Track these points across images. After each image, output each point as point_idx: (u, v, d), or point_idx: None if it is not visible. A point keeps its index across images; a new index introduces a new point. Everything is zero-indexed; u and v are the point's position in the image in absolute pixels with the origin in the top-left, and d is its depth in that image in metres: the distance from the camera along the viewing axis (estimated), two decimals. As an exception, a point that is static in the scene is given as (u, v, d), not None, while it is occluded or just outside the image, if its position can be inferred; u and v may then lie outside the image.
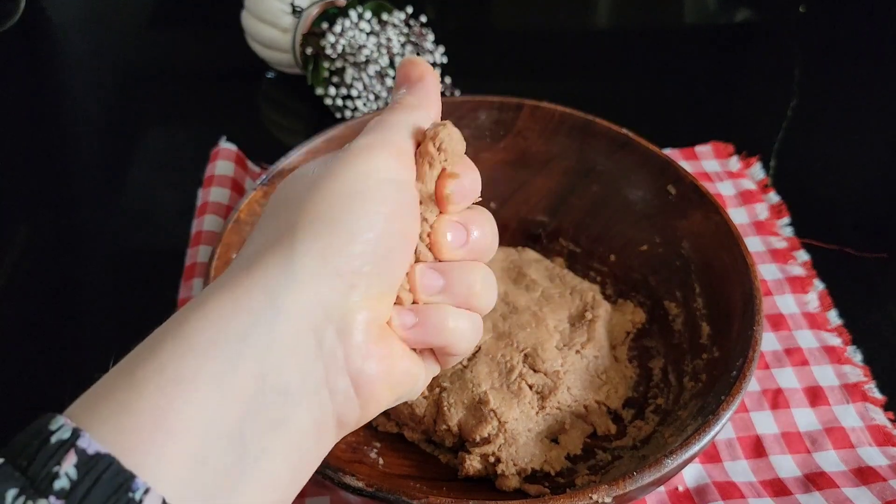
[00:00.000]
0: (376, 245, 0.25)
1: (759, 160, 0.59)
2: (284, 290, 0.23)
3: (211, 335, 0.22)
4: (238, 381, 0.22)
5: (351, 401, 0.25)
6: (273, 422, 0.23)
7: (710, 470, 0.42)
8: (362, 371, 0.25)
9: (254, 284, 0.24)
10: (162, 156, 0.61)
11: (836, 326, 0.48)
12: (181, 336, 0.22)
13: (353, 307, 0.24)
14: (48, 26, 0.75)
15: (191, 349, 0.22)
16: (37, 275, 0.52)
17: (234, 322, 0.23)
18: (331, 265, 0.24)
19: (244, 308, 0.23)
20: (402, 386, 0.27)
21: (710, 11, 0.79)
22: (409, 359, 0.27)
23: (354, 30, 0.61)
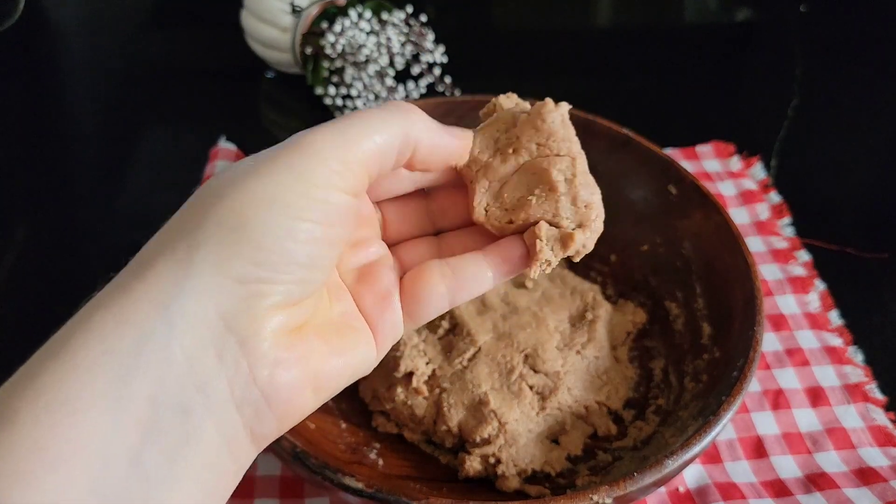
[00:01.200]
0: (293, 254, 0.23)
1: (760, 160, 0.59)
2: (178, 300, 0.21)
3: (96, 353, 0.20)
4: (131, 402, 0.20)
5: (263, 413, 0.23)
6: (175, 444, 0.21)
7: (710, 470, 0.41)
8: (271, 382, 0.23)
9: (144, 294, 0.21)
10: (161, 155, 0.61)
11: (838, 327, 0.48)
12: (63, 355, 0.20)
13: (259, 316, 0.22)
14: (47, 26, 0.75)
15: (74, 369, 0.20)
16: (36, 275, 0.52)
17: (122, 337, 0.21)
18: (233, 273, 0.22)
19: (133, 321, 0.21)
20: (334, 381, 0.25)
21: (710, 11, 0.79)
22: (339, 357, 0.25)
23: (354, 29, 0.60)
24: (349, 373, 0.26)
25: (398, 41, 0.61)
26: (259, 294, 0.22)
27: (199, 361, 0.21)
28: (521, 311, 0.43)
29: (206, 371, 0.22)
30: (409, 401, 0.40)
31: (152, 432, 0.20)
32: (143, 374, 0.20)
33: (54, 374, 0.20)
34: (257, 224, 0.22)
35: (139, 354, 0.21)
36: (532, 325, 0.42)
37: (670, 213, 0.46)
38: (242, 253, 0.22)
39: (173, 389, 0.21)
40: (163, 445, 0.21)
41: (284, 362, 0.23)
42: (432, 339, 0.42)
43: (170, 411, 0.21)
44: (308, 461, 0.33)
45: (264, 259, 0.22)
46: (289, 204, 0.23)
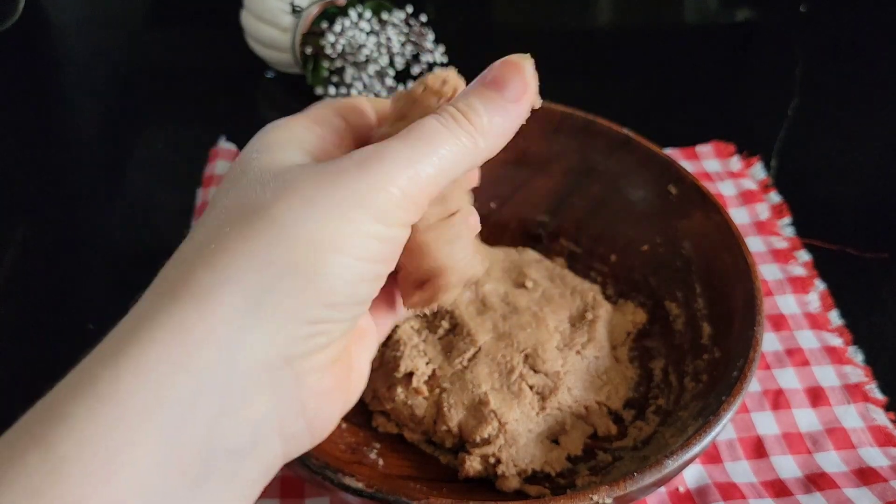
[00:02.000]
0: (359, 294, 0.23)
1: (761, 160, 0.59)
2: (244, 347, 0.20)
3: (149, 401, 0.19)
4: (182, 452, 0.19)
5: (302, 440, 0.23)
6: (222, 482, 0.20)
7: (710, 471, 0.41)
8: (318, 413, 0.23)
9: (207, 337, 0.20)
10: (161, 155, 0.61)
11: (838, 327, 0.48)
12: (114, 398, 0.19)
13: (316, 352, 0.22)
14: (47, 26, 0.75)
15: (123, 417, 0.18)
16: (35, 275, 0.52)
17: (179, 386, 0.19)
18: (306, 317, 0.21)
19: (193, 369, 0.19)
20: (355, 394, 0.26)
21: (711, 11, 0.79)
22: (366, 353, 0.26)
23: (354, 29, 0.60)
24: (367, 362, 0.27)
25: (398, 41, 0.61)
26: (323, 333, 0.22)
27: (256, 403, 0.21)
28: (521, 311, 0.43)
29: (261, 411, 0.21)
30: (409, 401, 0.40)
31: (200, 479, 0.20)
32: (198, 423, 0.19)
33: (104, 420, 0.18)
34: (330, 270, 0.21)
35: (196, 405, 0.19)
36: (532, 325, 0.42)
37: (670, 213, 0.46)
38: (316, 299, 0.21)
39: (227, 434, 0.20)
40: (210, 490, 0.20)
41: (330, 392, 0.23)
42: (432, 339, 0.42)
43: (221, 456, 0.20)
44: (308, 461, 0.33)
45: (335, 301, 0.22)
46: (358, 247, 0.22)
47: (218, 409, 0.20)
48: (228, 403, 0.20)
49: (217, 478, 0.20)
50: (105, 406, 0.19)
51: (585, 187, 0.49)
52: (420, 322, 0.43)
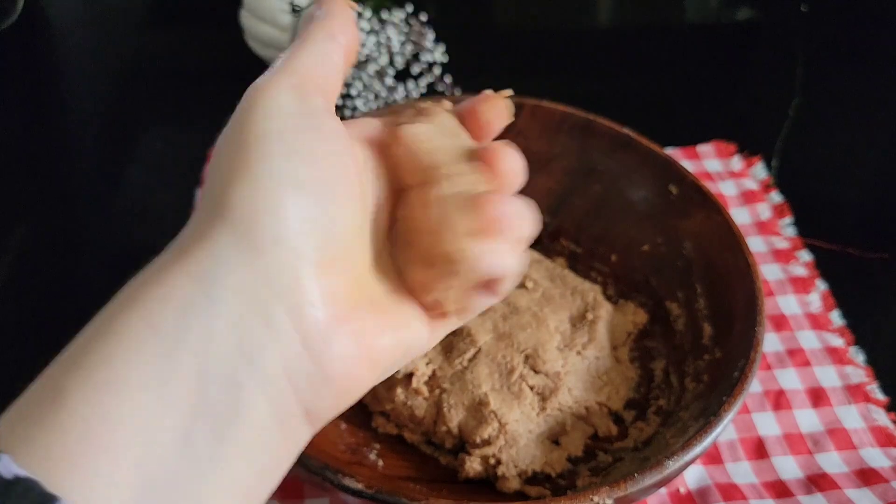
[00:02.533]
0: (307, 196, 0.22)
1: (762, 160, 0.58)
2: (214, 275, 0.21)
3: (140, 332, 0.20)
4: (177, 379, 0.20)
5: (319, 387, 0.22)
6: (225, 420, 0.20)
7: (711, 471, 0.41)
8: (326, 352, 0.22)
9: (182, 270, 0.21)
10: (160, 155, 0.61)
11: (839, 327, 0.48)
12: (107, 336, 0.20)
13: (304, 278, 0.21)
14: (46, 25, 0.75)
15: (119, 348, 0.20)
16: (34, 275, 0.52)
17: (164, 314, 0.20)
18: (266, 234, 0.21)
19: (174, 296, 0.20)
20: (388, 358, 0.24)
21: (711, 10, 0.79)
22: (391, 333, 0.24)
23: (354, 29, 0.60)
24: (402, 351, 0.25)
25: (398, 40, 0.61)
26: (297, 254, 0.22)
27: (247, 332, 0.21)
28: (522, 312, 0.43)
29: (255, 341, 0.21)
30: (409, 401, 0.40)
31: (201, 409, 0.20)
32: (189, 350, 0.20)
33: (100, 354, 0.20)
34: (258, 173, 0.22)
35: (182, 330, 0.20)
36: (532, 325, 0.42)
37: (671, 213, 0.46)
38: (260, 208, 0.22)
39: (221, 362, 0.20)
40: (212, 422, 0.20)
41: (338, 333, 0.22)
42: (432, 340, 0.42)
43: (218, 386, 0.20)
44: (308, 462, 0.33)
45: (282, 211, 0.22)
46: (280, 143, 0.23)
47: (205, 334, 0.20)
48: (214, 329, 0.20)
49: (220, 411, 0.20)
50: (101, 341, 0.20)
51: (586, 187, 0.49)
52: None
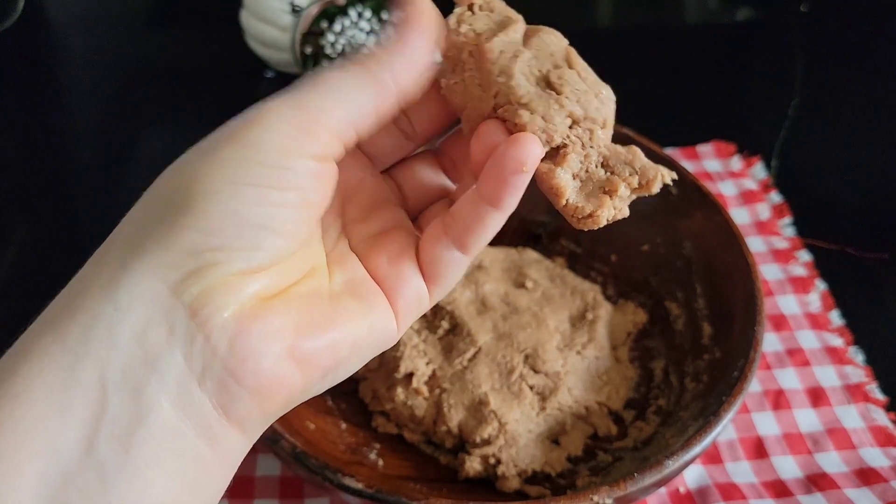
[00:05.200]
0: (244, 217, 0.21)
1: (761, 160, 0.58)
2: (124, 280, 0.21)
3: (46, 342, 0.20)
4: (80, 389, 0.20)
5: (232, 388, 0.21)
6: (127, 427, 0.20)
7: (711, 471, 0.41)
8: (233, 353, 0.21)
9: (93, 279, 0.21)
10: (160, 155, 0.61)
11: (838, 327, 0.48)
12: (18, 353, 0.20)
13: (214, 285, 0.21)
14: (47, 25, 0.75)
15: (25, 361, 0.20)
16: (35, 274, 0.52)
17: (72, 324, 0.20)
18: (182, 245, 0.21)
19: (82, 307, 0.20)
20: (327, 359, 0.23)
21: (711, 10, 0.79)
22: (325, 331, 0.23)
23: (354, 28, 0.60)
24: (350, 345, 0.24)
25: (398, 41, 0.61)
26: (213, 262, 0.21)
27: (149, 338, 0.20)
28: (522, 312, 0.43)
29: (157, 347, 0.20)
30: (409, 401, 0.40)
31: (103, 418, 0.20)
32: (92, 359, 0.20)
33: (8, 370, 0.20)
34: (201, 193, 0.21)
35: (87, 340, 0.20)
36: (532, 325, 0.42)
37: (671, 212, 0.46)
38: (187, 223, 0.21)
39: (121, 370, 0.20)
40: (115, 430, 0.20)
41: (247, 332, 0.21)
42: (432, 340, 0.42)
43: (119, 393, 0.20)
44: (308, 461, 0.33)
45: (213, 227, 0.21)
46: (236, 170, 0.21)
47: (108, 342, 0.20)
48: (117, 337, 0.20)
49: (122, 418, 0.20)
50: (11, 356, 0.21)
51: (586, 187, 0.49)
52: (420, 322, 0.43)
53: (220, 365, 0.21)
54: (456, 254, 0.25)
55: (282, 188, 0.22)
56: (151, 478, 0.20)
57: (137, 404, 0.20)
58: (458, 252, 0.25)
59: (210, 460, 0.21)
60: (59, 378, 0.20)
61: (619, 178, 0.26)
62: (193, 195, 0.21)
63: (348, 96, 0.23)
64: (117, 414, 0.20)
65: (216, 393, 0.21)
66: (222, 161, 0.22)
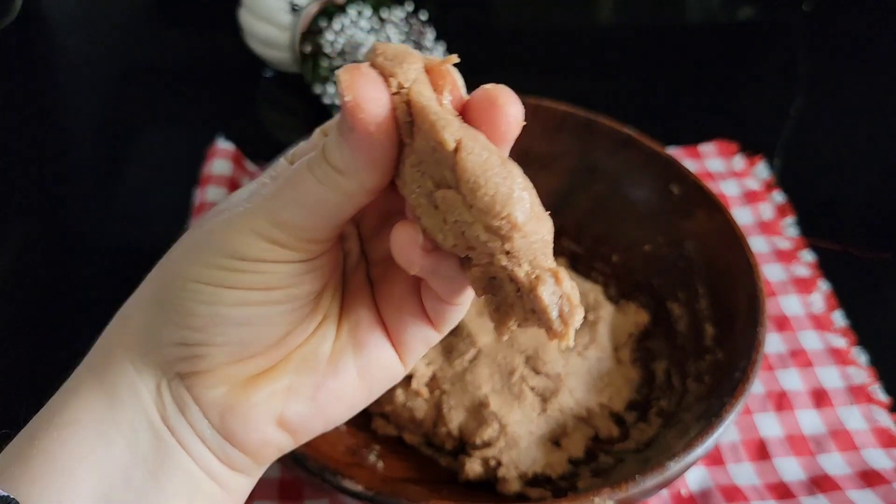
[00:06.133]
0: (225, 317, 0.23)
1: (764, 159, 0.58)
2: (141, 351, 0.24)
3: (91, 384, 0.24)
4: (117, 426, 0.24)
5: (228, 450, 0.25)
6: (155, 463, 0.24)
7: (713, 473, 0.41)
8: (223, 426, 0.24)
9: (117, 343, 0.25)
10: (159, 154, 0.61)
11: (841, 328, 0.48)
12: (68, 390, 0.25)
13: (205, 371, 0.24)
14: (45, 24, 0.75)
15: (74, 398, 0.24)
16: (32, 274, 0.52)
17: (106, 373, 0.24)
18: (170, 339, 0.24)
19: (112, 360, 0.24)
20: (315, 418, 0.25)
21: (713, 9, 0.79)
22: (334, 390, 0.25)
23: (353, 28, 0.60)
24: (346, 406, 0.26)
25: (398, 39, 0.61)
26: (200, 355, 0.23)
27: (163, 400, 0.24)
28: (522, 312, 0.43)
29: (169, 410, 0.24)
30: (408, 403, 0.40)
31: (136, 451, 0.24)
32: (123, 404, 0.24)
33: (62, 401, 0.24)
34: (187, 296, 0.23)
35: (118, 386, 0.24)
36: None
37: (673, 212, 0.46)
38: (175, 321, 0.23)
39: (146, 418, 0.24)
40: (147, 465, 0.24)
41: (235, 409, 0.24)
42: (432, 340, 0.42)
43: (146, 435, 0.24)
44: (307, 464, 0.33)
45: (198, 325, 0.23)
46: (216, 274, 0.23)
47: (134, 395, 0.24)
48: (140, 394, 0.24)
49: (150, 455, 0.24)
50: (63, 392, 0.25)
51: (587, 187, 0.49)
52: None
53: (215, 433, 0.25)
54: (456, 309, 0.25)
55: (265, 288, 0.23)
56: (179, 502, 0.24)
57: (160, 447, 0.24)
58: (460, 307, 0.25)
59: (220, 496, 0.25)
60: (102, 414, 0.24)
61: (512, 314, 0.22)
62: (179, 296, 0.23)
63: (320, 209, 0.22)
64: (146, 451, 0.24)
65: (217, 451, 0.25)
66: (203, 265, 0.23)
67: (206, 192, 0.54)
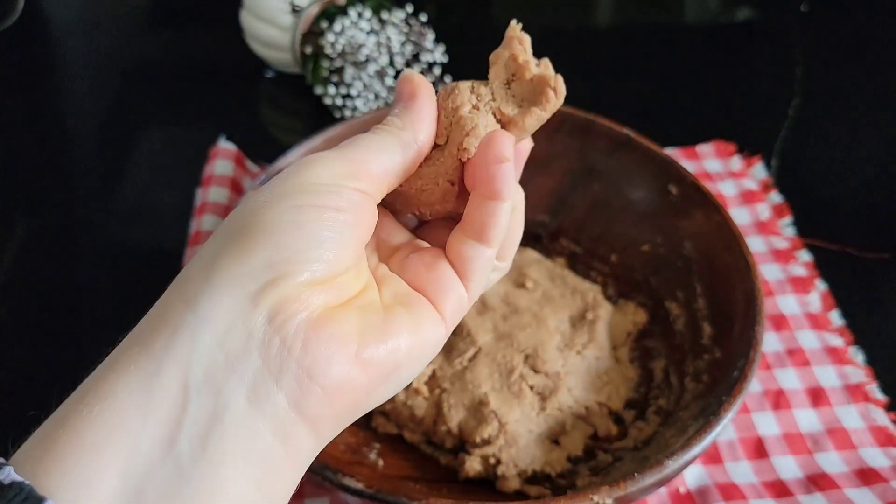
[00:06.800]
0: (307, 235, 0.24)
1: (761, 160, 0.58)
2: (205, 293, 0.23)
3: (133, 353, 0.22)
4: (161, 389, 0.21)
5: (307, 387, 0.23)
6: (206, 424, 0.21)
7: (711, 471, 0.41)
8: (307, 353, 0.23)
9: (177, 295, 0.23)
10: (160, 155, 0.61)
11: (838, 327, 0.48)
12: (108, 361, 0.22)
13: (287, 293, 0.23)
14: (46, 25, 0.75)
15: (112, 369, 0.22)
16: (34, 274, 0.52)
17: (156, 336, 0.22)
18: (256, 260, 0.23)
19: (167, 319, 0.23)
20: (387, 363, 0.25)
21: (711, 10, 0.79)
22: (384, 337, 0.25)
23: (354, 29, 0.60)
24: (406, 349, 0.26)
25: (398, 40, 0.61)
26: (286, 274, 0.23)
27: (230, 342, 0.22)
28: (522, 312, 0.43)
29: (237, 348, 0.22)
30: (409, 401, 0.40)
31: (184, 417, 0.21)
32: (175, 364, 0.22)
33: (98, 376, 0.22)
34: (270, 218, 0.24)
35: (171, 346, 0.22)
36: (532, 325, 0.42)
37: (671, 212, 0.46)
38: (260, 241, 0.24)
39: (203, 372, 0.22)
40: (195, 429, 0.21)
41: (318, 336, 0.23)
42: (432, 340, 0.42)
43: (200, 394, 0.22)
44: (308, 462, 0.33)
45: (281, 242, 0.24)
46: (297, 196, 0.25)
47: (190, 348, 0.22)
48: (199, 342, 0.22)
49: (201, 416, 0.22)
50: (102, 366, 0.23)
51: (586, 187, 0.49)
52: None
53: (295, 364, 0.23)
54: (480, 248, 0.28)
55: (337, 209, 0.25)
56: (225, 475, 0.22)
57: (216, 403, 0.22)
58: (482, 246, 0.28)
59: (281, 459, 0.23)
60: (143, 382, 0.22)
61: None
62: (262, 220, 0.24)
63: (383, 152, 0.27)
64: (198, 413, 0.22)
65: (292, 390, 0.23)
66: (283, 192, 0.25)
67: (207, 192, 0.54)
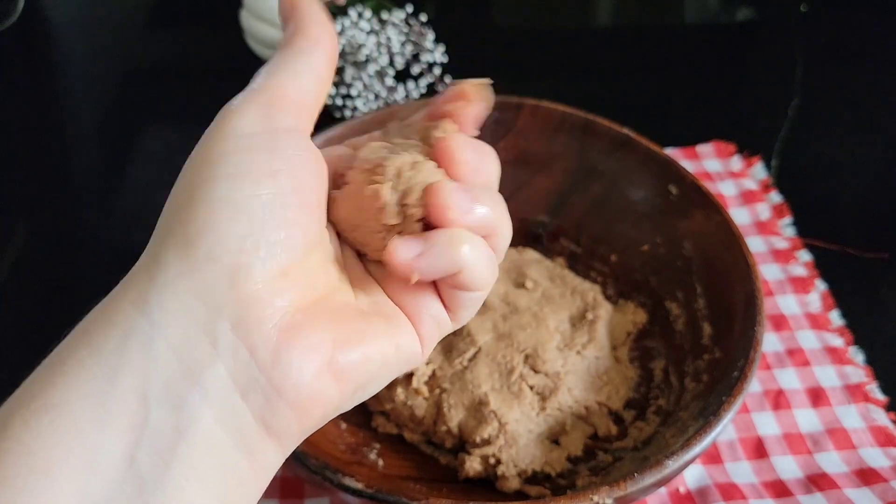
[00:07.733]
0: (242, 211, 0.21)
1: (761, 160, 0.58)
2: (153, 295, 0.21)
3: (82, 355, 0.20)
4: (119, 402, 0.20)
5: (274, 402, 0.21)
6: (169, 441, 0.20)
7: (711, 471, 0.41)
8: (276, 365, 0.21)
9: (124, 296, 0.21)
10: (160, 155, 0.61)
11: (838, 327, 0.48)
12: (53, 366, 0.20)
13: (247, 293, 0.21)
14: (46, 26, 0.75)
15: (61, 373, 0.20)
16: (35, 274, 0.52)
17: (107, 338, 0.20)
18: (198, 251, 0.21)
19: (116, 321, 0.21)
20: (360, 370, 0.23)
21: (711, 10, 0.79)
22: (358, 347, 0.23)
23: (354, 29, 0.60)
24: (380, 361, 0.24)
25: (398, 41, 0.61)
26: (238, 267, 0.21)
27: (190, 352, 0.21)
28: (522, 312, 0.43)
29: (200, 361, 0.21)
30: (409, 401, 0.40)
31: (145, 431, 0.20)
32: (130, 373, 0.20)
33: (43, 382, 0.20)
34: (202, 199, 0.22)
35: (123, 353, 0.20)
36: (532, 325, 0.42)
37: (671, 212, 0.46)
38: (198, 230, 0.21)
39: (162, 383, 0.20)
40: (156, 444, 0.20)
41: (289, 345, 0.21)
42: (432, 340, 0.42)
43: (160, 407, 0.20)
44: (308, 461, 0.33)
45: (221, 229, 0.21)
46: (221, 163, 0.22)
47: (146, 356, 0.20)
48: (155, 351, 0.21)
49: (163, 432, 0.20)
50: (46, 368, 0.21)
51: (586, 187, 0.49)
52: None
53: (264, 379, 0.21)
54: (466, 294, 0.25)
55: (270, 172, 0.22)
56: (191, 492, 0.20)
57: (179, 418, 0.20)
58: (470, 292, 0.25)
59: (246, 474, 0.22)
60: (97, 390, 0.20)
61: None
62: (194, 199, 0.22)
63: (294, 68, 0.25)
64: (158, 427, 0.20)
65: (259, 406, 0.21)
66: (209, 158, 0.23)
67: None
